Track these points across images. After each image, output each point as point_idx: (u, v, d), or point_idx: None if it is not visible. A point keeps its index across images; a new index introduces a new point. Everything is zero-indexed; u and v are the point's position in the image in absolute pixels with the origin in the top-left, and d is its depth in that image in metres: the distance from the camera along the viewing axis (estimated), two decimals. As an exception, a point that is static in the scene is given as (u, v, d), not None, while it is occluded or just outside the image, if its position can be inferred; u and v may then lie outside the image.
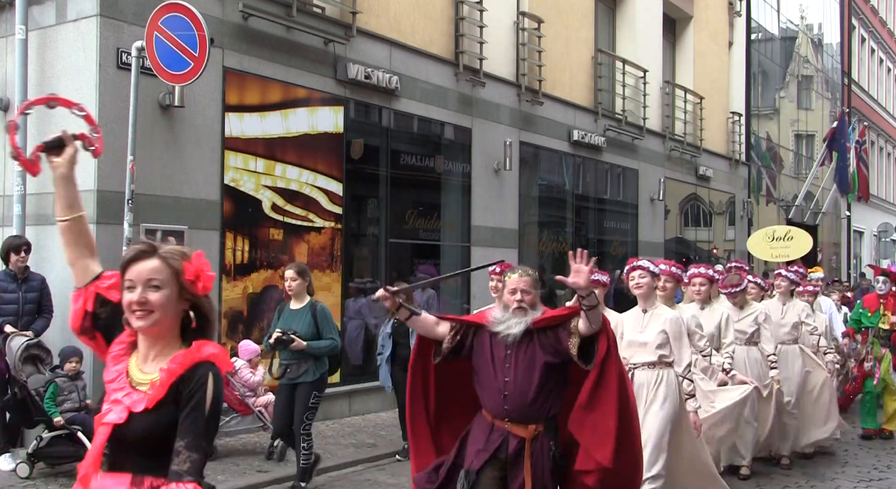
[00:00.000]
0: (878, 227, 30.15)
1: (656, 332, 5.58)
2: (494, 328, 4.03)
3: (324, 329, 6.37)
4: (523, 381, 3.96)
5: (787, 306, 8.16)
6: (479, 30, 11.82)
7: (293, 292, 6.44)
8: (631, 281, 5.65)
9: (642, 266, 5.65)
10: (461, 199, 11.82)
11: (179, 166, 8.01)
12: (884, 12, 35.60)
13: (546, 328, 4.00)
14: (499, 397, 3.97)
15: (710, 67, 19.53)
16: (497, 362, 4.03)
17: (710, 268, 7.25)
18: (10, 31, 7.78)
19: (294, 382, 6.39)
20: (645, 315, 5.69)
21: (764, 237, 13.14)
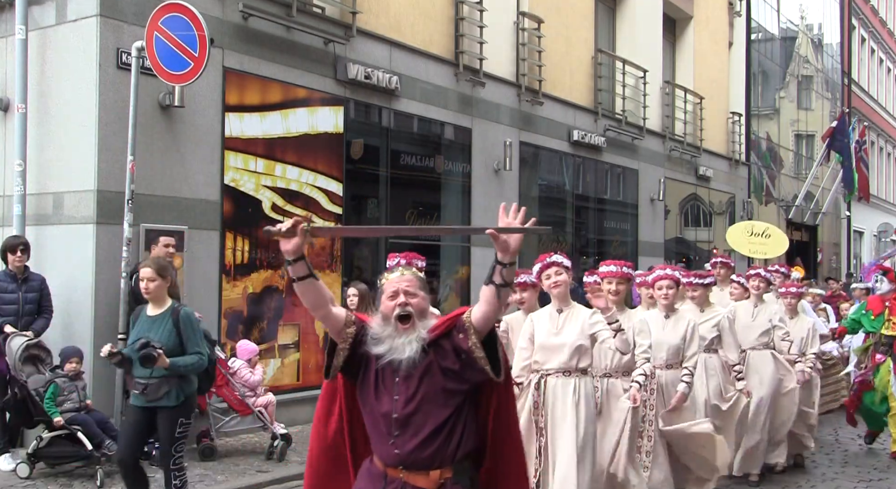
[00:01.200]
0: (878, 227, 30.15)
1: (575, 334, 5.04)
2: (375, 349, 3.08)
3: (188, 340, 5.27)
4: (419, 418, 3.05)
5: (759, 308, 7.41)
6: (479, 30, 11.82)
7: (150, 295, 5.29)
8: (546, 279, 5.16)
9: (557, 262, 5.16)
10: (461, 199, 11.82)
11: (179, 166, 8.01)
12: (884, 12, 35.61)
13: (440, 337, 3.12)
14: (388, 439, 3.07)
15: (710, 67, 19.53)
16: (383, 392, 3.10)
17: (675, 268, 6.41)
18: (10, 31, 7.78)
19: (152, 406, 5.23)
20: (560, 315, 5.14)
21: (743, 230, 12.55)
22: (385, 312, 3.12)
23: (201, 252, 8.16)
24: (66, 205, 7.58)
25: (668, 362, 5.96)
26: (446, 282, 11.74)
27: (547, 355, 5.07)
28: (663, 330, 6.01)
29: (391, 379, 3.08)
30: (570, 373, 5.04)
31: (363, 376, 3.14)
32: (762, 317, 7.37)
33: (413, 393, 3.06)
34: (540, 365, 5.08)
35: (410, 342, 3.05)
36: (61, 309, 7.28)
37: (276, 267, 8.90)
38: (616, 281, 5.56)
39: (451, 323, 3.14)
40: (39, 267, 7.27)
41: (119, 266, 7.27)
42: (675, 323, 6.09)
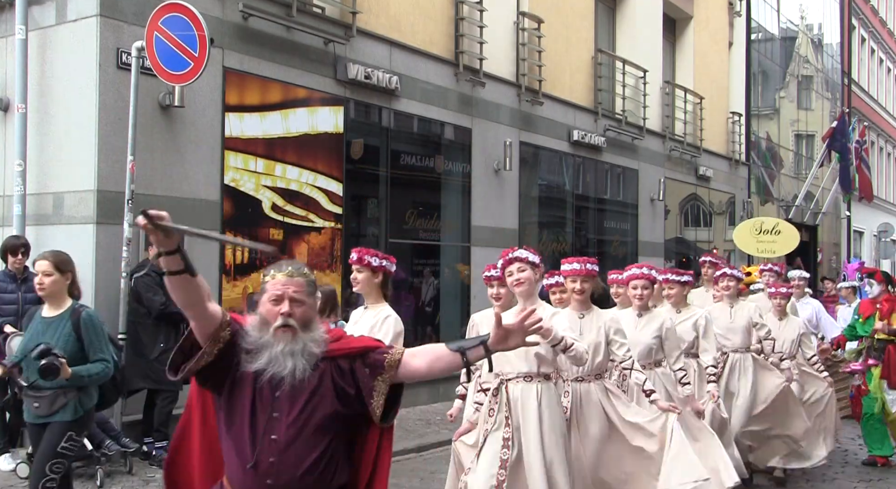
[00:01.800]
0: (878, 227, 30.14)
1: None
2: (252, 359, 2.71)
3: (91, 346, 4.60)
4: (301, 443, 2.69)
5: (736, 308, 7.07)
6: (479, 30, 11.82)
7: (45, 292, 4.61)
8: (508, 276, 4.65)
9: (521, 257, 4.64)
10: (461, 199, 11.82)
11: (179, 166, 8.01)
12: (884, 12, 35.60)
13: (340, 357, 2.80)
14: (259, 465, 2.67)
15: (710, 67, 19.53)
16: (259, 410, 2.71)
17: (651, 267, 6.05)
18: (10, 31, 7.78)
19: (45, 421, 4.59)
20: None
21: (751, 229, 12.19)
22: (266, 317, 2.75)
23: (201, 252, 8.16)
24: (66, 205, 7.58)
25: (640, 363, 5.58)
26: (427, 283, 11.74)
27: (506, 358, 4.53)
28: (635, 329, 5.72)
29: (270, 395, 2.70)
30: (531, 378, 4.59)
31: (231, 388, 2.73)
32: (741, 318, 7.02)
33: (298, 413, 2.69)
34: (500, 369, 4.61)
35: (294, 354, 2.69)
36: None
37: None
38: (581, 279, 5.14)
39: (360, 350, 2.83)
40: (39, 267, 7.27)
41: (119, 266, 7.28)
42: (647, 322, 5.81)
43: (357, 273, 4.99)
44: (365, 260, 4.94)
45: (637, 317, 5.87)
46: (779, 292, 7.86)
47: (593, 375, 5.07)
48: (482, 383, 4.82)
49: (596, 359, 5.03)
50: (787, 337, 7.57)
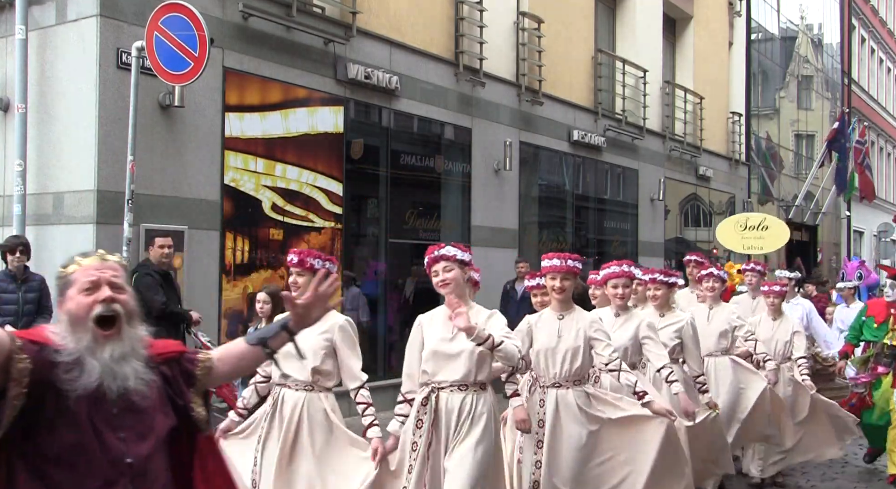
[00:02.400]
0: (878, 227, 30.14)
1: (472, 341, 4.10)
2: (73, 376, 2.20)
3: None
4: (155, 464, 2.35)
5: (715, 311, 6.74)
6: (479, 30, 11.82)
7: None
8: (434, 276, 4.25)
9: (446, 255, 4.22)
10: (461, 199, 11.82)
11: (179, 166, 8.01)
12: (884, 12, 35.61)
13: (164, 363, 2.47)
14: None
15: (710, 67, 19.53)
16: (102, 430, 2.25)
17: (631, 264, 5.71)
18: (10, 31, 7.78)
19: None
20: None
21: (735, 226, 10.99)
22: (77, 313, 2.26)
23: (201, 252, 8.16)
24: (66, 205, 7.58)
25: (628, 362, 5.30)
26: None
27: (439, 365, 4.17)
28: (612, 329, 5.30)
29: (106, 411, 2.26)
30: (465, 387, 4.16)
31: (46, 413, 2.20)
32: (718, 320, 6.68)
33: (146, 429, 2.32)
34: (429, 376, 4.20)
35: (126, 357, 2.27)
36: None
37: (275, 267, 8.90)
38: (560, 276, 4.80)
39: (175, 355, 2.53)
40: (39, 267, 7.26)
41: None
42: (624, 322, 5.42)
43: (298, 277, 4.49)
44: (307, 262, 4.44)
45: (615, 317, 5.50)
46: (772, 291, 7.42)
47: (571, 381, 4.72)
48: (406, 393, 4.35)
49: (574, 364, 4.69)
50: (780, 338, 7.25)
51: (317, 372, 4.34)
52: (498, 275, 11.32)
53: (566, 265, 4.78)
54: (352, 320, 4.58)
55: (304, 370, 4.30)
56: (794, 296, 9.14)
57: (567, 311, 4.85)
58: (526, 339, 4.81)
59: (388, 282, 10.72)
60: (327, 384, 4.43)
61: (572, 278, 4.88)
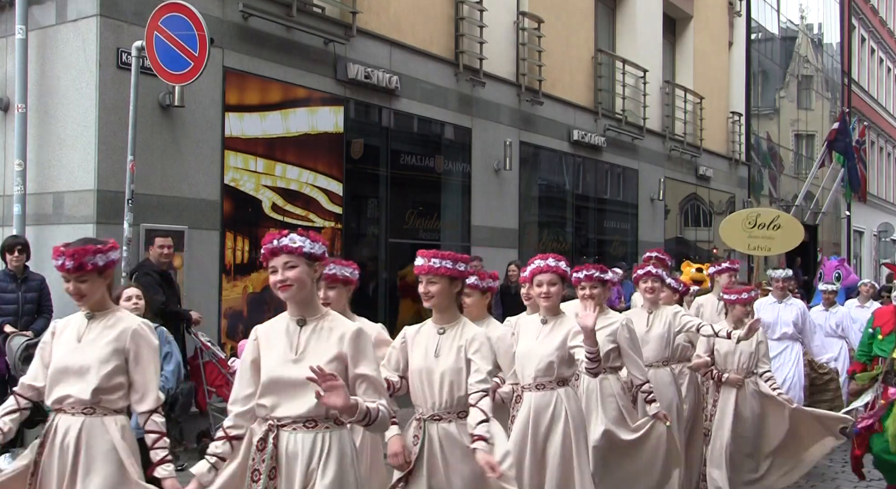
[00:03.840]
0: (878, 227, 30.14)
1: (323, 361, 3.26)
2: None
3: None
4: None
5: (654, 315, 6.02)
6: (479, 30, 11.82)
7: None
8: (273, 274, 3.28)
9: (288, 247, 3.17)
10: (461, 199, 11.82)
11: (179, 166, 8.01)
12: (884, 12, 35.60)
13: None
14: None
15: (710, 67, 19.54)
16: None
17: (560, 258, 4.79)
18: (10, 31, 7.78)
19: None
20: (302, 331, 3.27)
21: (744, 223, 9.60)
22: None
23: (201, 252, 8.16)
24: (66, 205, 7.58)
25: (539, 381, 4.50)
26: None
27: (278, 398, 3.16)
28: (536, 339, 4.55)
29: None
30: (314, 424, 3.14)
31: None
32: (658, 326, 5.98)
33: None
34: (268, 411, 3.17)
35: None
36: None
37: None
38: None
39: None
40: (39, 267, 7.26)
41: (119, 266, 7.26)
42: (551, 330, 4.56)
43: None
44: (88, 264, 3.52)
45: (541, 324, 4.61)
46: (741, 299, 6.31)
47: (455, 413, 3.80)
48: (228, 429, 3.25)
49: (456, 393, 3.79)
50: (743, 349, 6.31)
51: None
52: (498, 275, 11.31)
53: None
54: None
55: None
56: (787, 297, 8.48)
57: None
58: None
59: (389, 281, 10.73)
60: None
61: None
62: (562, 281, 4.57)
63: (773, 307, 8.37)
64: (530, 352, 4.53)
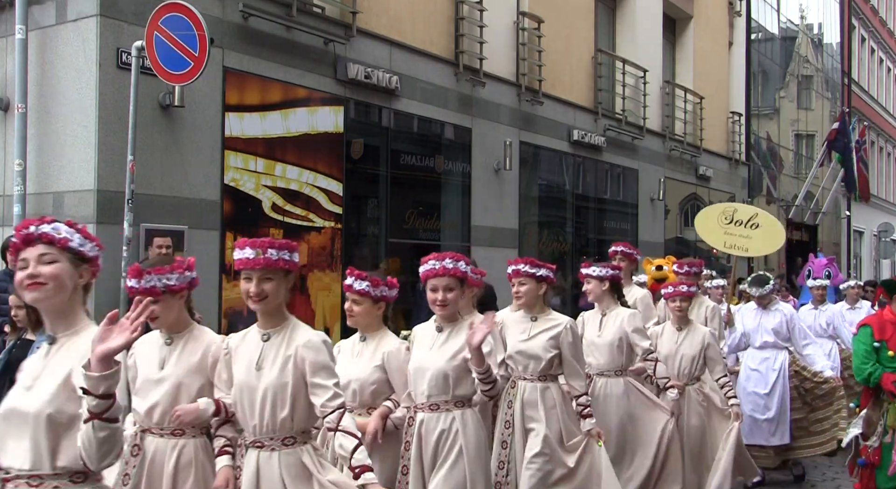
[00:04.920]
0: (878, 227, 30.13)
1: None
2: None
3: None
4: None
5: (608, 316, 5.46)
6: (479, 30, 11.82)
7: None
8: None
9: None
10: (461, 199, 11.82)
11: (179, 166, 8.01)
12: (884, 12, 35.60)
13: None
14: None
15: (710, 67, 19.54)
16: None
17: (459, 257, 4.11)
18: (10, 31, 7.78)
19: None
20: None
21: (719, 217, 8.39)
22: None
23: (201, 252, 8.15)
24: (66, 205, 7.58)
25: (432, 400, 3.90)
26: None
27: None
28: (430, 350, 3.97)
29: None
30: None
31: None
32: (611, 329, 5.41)
33: None
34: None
35: None
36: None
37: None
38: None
39: None
40: (39, 267, 7.26)
41: (119, 266, 7.27)
42: (447, 340, 3.98)
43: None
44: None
45: (437, 332, 4.06)
46: (678, 292, 5.86)
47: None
48: None
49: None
50: (685, 353, 5.82)
51: None
52: (498, 275, 11.31)
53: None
54: None
55: None
56: (773, 302, 7.59)
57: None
58: None
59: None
60: None
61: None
62: (461, 284, 3.97)
63: (754, 313, 7.60)
64: (422, 366, 3.94)
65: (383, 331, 4.05)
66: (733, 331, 7.49)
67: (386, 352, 3.96)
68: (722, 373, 5.86)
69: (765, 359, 7.40)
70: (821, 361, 7.40)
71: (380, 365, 3.96)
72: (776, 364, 7.35)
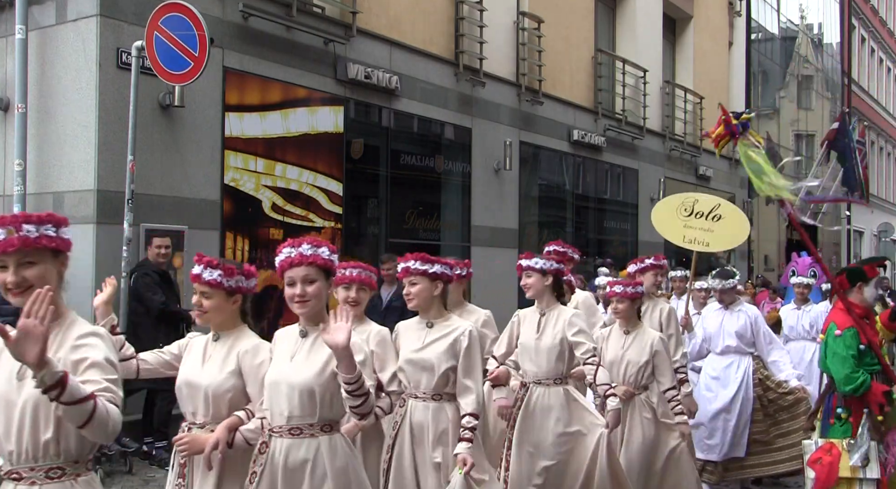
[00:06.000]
0: (878, 227, 30.14)
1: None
2: None
3: None
4: None
5: (547, 317, 4.71)
6: (479, 30, 11.82)
7: None
8: None
9: None
10: (461, 199, 11.82)
11: (179, 166, 8.01)
12: (884, 12, 35.61)
13: None
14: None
15: (710, 67, 19.54)
16: None
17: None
18: (10, 31, 7.77)
19: None
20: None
21: (678, 209, 7.43)
22: None
23: (201, 252, 8.15)
24: (66, 205, 7.57)
25: (293, 424, 3.12)
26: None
27: None
28: (291, 361, 3.21)
29: None
30: None
31: None
32: (551, 332, 4.67)
33: None
34: None
35: None
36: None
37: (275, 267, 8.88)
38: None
39: None
40: (39, 267, 7.26)
41: (119, 266, 7.27)
42: (312, 349, 3.20)
43: None
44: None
45: (300, 338, 3.29)
46: (616, 292, 5.22)
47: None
48: None
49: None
50: (630, 359, 5.16)
51: None
52: (498, 275, 11.33)
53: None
54: None
55: None
56: (736, 302, 6.85)
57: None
58: None
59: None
60: None
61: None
62: (326, 276, 3.26)
63: (716, 315, 6.80)
64: (281, 380, 3.16)
65: (241, 329, 3.45)
66: (692, 336, 6.74)
67: (240, 352, 3.31)
68: (670, 385, 5.16)
69: (727, 365, 6.60)
70: (787, 370, 6.54)
71: (235, 369, 3.28)
72: (738, 371, 6.55)
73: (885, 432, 4.65)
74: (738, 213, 7.48)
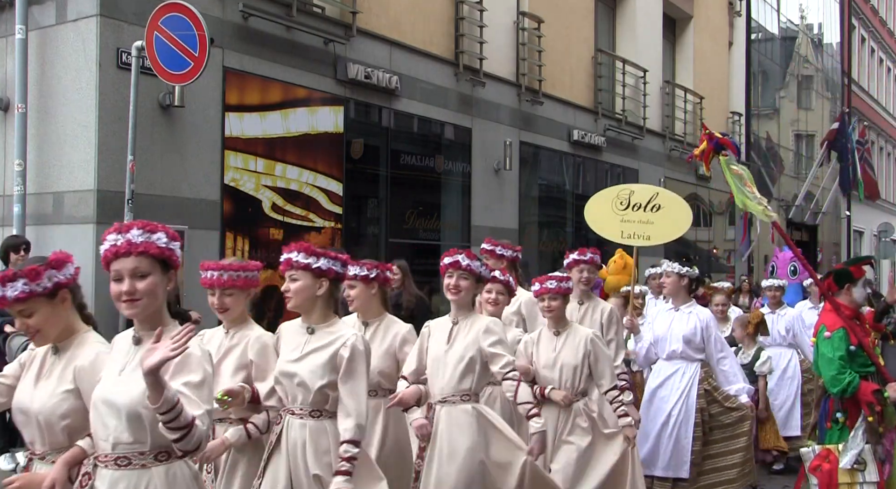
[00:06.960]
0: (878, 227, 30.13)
1: None
2: None
3: None
4: None
5: (462, 325, 4.19)
6: (479, 30, 11.82)
7: None
8: None
9: None
10: (461, 199, 11.82)
11: (179, 166, 8.01)
12: (884, 12, 35.61)
13: None
14: None
15: (710, 67, 19.54)
16: None
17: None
18: (10, 31, 7.77)
19: None
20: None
21: (613, 203, 6.80)
22: None
23: (201, 252, 8.15)
24: (66, 205, 7.57)
25: (119, 452, 2.68)
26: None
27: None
28: (119, 375, 2.75)
29: None
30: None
31: None
32: (462, 341, 4.13)
33: None
34: None
35: None
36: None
37: (275, 267, 8.88)
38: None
39: None
40: (39, 267, 7.26)
41: (119, 266, 7.27)
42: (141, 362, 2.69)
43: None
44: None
45: (133, 345, 2.89)
46: (546, 289, 4.80)
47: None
48: None
49: None
50: (565, 362, 4.81)
51: None
52: (498, 275, 11.29)
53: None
54: None
55: None
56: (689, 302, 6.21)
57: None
58: None
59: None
60: None
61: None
62: (164, 269, 2.86)
63: (666, 316, 6.20)
64: (107, 398, 2.69)
65: (78, 339, 2.88)
66: (638, 339, 6.23)
67: (77, 367, 2.76)
68: (610, 386, 4.76)
69: (671, 374, 5.98)
70: (737, 383, 5.94)
71: (72, 389, 2.75)
72: (683, 381, 5.91)
73: (882, 434, 4.55)
74: (677, 200, 7.05)
